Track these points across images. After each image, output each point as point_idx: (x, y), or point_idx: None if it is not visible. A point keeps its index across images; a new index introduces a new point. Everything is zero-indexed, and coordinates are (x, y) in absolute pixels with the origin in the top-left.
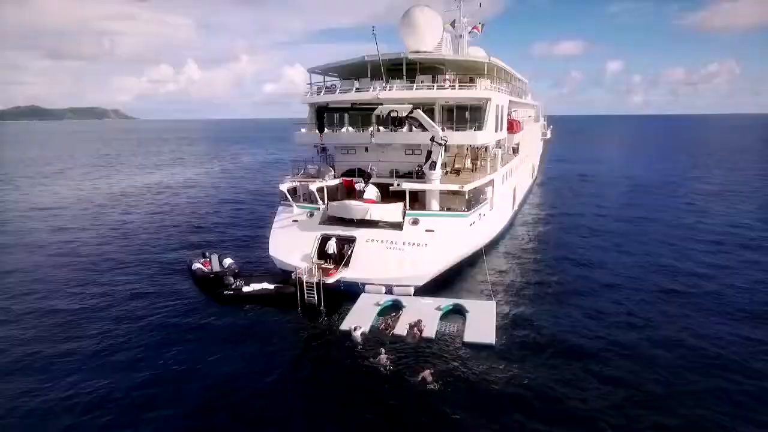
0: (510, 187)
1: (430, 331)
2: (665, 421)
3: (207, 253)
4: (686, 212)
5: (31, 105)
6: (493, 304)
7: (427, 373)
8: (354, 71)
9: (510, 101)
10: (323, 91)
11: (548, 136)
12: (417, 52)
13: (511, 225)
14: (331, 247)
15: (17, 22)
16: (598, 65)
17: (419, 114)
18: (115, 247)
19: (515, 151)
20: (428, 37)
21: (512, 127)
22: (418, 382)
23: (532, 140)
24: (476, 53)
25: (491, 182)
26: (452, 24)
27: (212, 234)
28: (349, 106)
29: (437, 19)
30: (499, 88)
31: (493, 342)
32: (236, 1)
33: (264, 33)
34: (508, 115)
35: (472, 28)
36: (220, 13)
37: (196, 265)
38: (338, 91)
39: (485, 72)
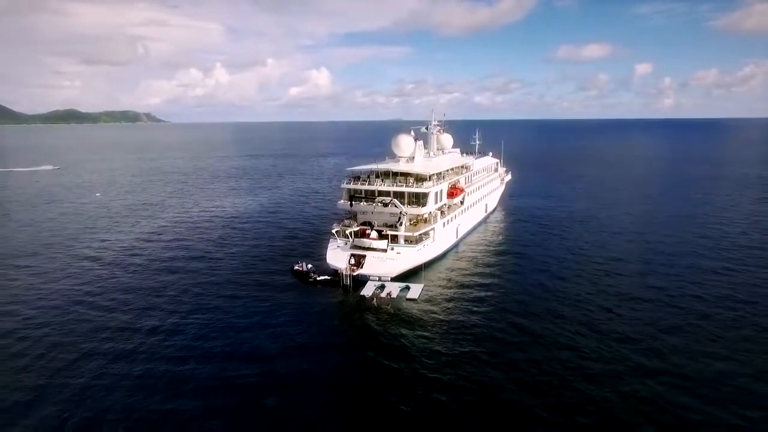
0: (453, 227)
1: (394, 295)
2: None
3: (299, 261)
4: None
5: (68, 108)
6: (422, 285)
7: (389, 308)
8: (366, 173)
9: (449, 181)
10: (352, 182)
11: (507, 178)
12: (398, 160)
13: (455, 247)
14: (355, 259)
15: (55, 29)
16: (626, 68)
17: (394, 201)
18: (245, 260)
19: (462, 202)
20: (405, 150)
21: (452, 194)
22: (386, 311)
23: (489, 188)
24: (445, 140)
25: (433, 228)
26: (426, 127)
27: (297, 252)
28: (363, 195)
29: (411, 140)
30: (440, 180)
31: (417, 298)
32: (263, 6)
33: (289, 37)
34: (454, 185)
35: (438, 130)
36: (247, 18)
37: (296, 267)
38: (359, 183)
39: (428, 178)
